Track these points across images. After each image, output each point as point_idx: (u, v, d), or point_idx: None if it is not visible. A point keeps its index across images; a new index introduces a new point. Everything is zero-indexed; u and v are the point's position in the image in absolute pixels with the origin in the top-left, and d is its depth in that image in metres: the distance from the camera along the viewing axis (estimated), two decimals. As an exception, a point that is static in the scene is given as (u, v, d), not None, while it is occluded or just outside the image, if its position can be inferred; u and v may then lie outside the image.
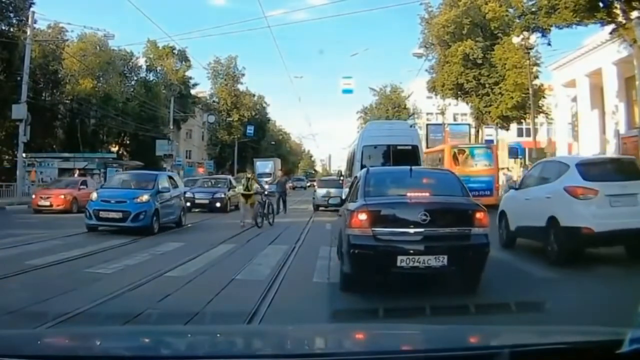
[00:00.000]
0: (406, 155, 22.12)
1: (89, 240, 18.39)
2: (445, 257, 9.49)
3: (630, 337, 2.68)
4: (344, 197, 28.97)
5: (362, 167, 22.23)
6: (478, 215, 9.98)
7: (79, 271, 12.54)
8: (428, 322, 6.71)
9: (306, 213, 31.55)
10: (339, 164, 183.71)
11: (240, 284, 11.14)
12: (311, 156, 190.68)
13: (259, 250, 15.87)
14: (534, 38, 39.77)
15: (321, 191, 35.42)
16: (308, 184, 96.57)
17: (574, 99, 47.80)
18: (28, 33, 36.46)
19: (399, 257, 9.48)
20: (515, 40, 42.26)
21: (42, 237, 18.73)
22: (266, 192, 25.59)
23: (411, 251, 9.56)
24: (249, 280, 11.67)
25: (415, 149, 23.57)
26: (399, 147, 23.38)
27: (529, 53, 40.58)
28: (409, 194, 10.45)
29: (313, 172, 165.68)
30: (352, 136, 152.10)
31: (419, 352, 3.13)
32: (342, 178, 34.21)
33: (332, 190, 33.44)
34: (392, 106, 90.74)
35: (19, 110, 33.32)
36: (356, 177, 12.89)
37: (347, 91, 53.90)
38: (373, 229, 9.76)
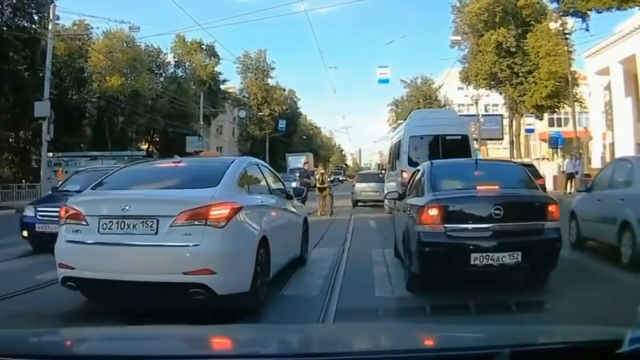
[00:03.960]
0: (456, 146, 20.99)
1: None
2: (520, 253, 9.00)
3: (630, 337, 2.68)
4: (386, 191, 28.07)
5: (409, 159, 21.23)
6: (550, 208, 9.58)
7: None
8: (428, 321, 7.32)
9: (344, 210, 29.71)
10: (370, 158, 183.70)
11: (290, 303, 9.49)
12: (342, 150, 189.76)
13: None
14: (572, 23, 38.85)
15: (360, 186, 34.55)
16: (332, 180, 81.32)
17: (607, 87, 46.82)
18: (50, 28, 35.74)
19: (473, 255, 9.00)
20: (553, 25, 41.34)
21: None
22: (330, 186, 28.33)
23: (485, 248, 9.05)
24: (300, 296, 9.92)
25: (465, 139, 22.14)
26: (447, 138, 21.98)
27: (567, 39, 39.61)
28: (478, 188, 9.97)
29: (344, 166, 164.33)
30: (383, 130, 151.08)
31: (418, 352, 3.10)
32: (382, 172, 32.81)
33: (372, 185, 33.35)
34: (423, 98, 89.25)
35: (42, 108, 32.36)
36: (418, 170, 12.02)
37: (384, 81, 52.20)
38: (445, 225, 9.23)
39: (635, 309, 3.58)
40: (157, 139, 70.44)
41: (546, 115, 57.94)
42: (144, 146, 67.45)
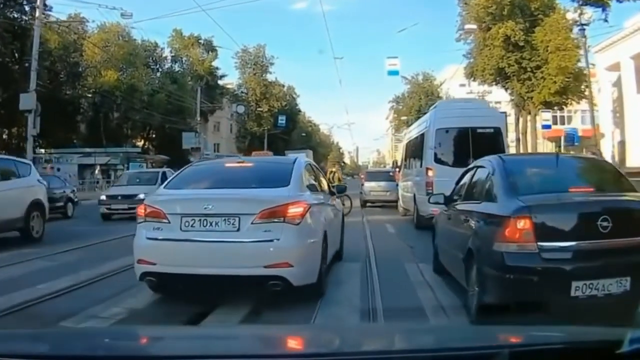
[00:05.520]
0: (487, 141, 18.60)
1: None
2: (628, 279, 6.59)
3: (630, 337, 2.57)
4: (401, 191, 25.78)
5: (435, 155, 19.33)
6: None
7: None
8: (428, 321, 7.33)
9: (353, 211, 26.27)
10: (368, 156, 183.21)
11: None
12: (340, 148, 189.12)
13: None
14: (590, 13, 37.61)
15: (370, 185, 32.58)
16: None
17: (615, 84, 45.64)
18: (37, 14, 34.04)
19: (574, 284, 6.57)
20: (570, 16, 40.15)
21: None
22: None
23: (589, 274, 6.64)
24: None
25: (498, 133, 19.48)
26: (479, 131, 19.36)
27: (584, 29, 38.21)
28: (572, 191, 7.71)
29: (342, 164, 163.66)
30: (382, 128, 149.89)
31: (418, 352, 3.00)
32: (396, 169, 30.34)
33: (382, 184, 31.85)
34: (424, 95, 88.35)
35: (27, 100, 30.27)
36: (477, 167, 9.50)
37: (393, 73, 50.30)
38: (539, 242, 6.76)
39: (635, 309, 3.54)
40: (153, 136, 69.56)
41: (549, 114, 57.05)
42: (140, 143, 66.72)
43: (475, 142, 18.63)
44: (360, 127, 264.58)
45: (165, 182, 10.40)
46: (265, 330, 4.76)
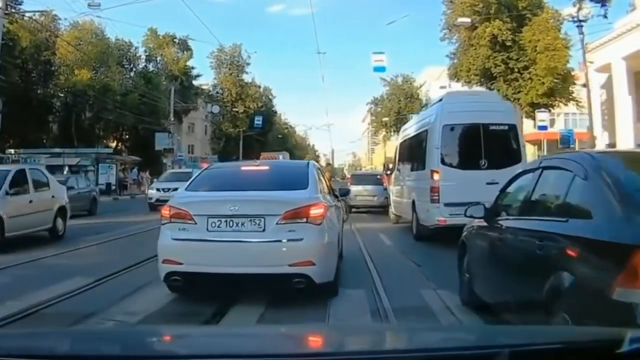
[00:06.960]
0: (501, 139, 16.87)
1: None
2: None
3: (630, 337, 2.52)
4: (394, 196, 23.70)
5: (441, 156, 17.18)
6: None
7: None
8: (428, 321, 7.52)
9: None
10: (344, 159, 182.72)
11: None
12: (316, 151, 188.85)
13: (326, 306, 8.97)
14: (589, 9, 36.57)
15: (356, 189, 29.80)
16: None
17: (604, 85, 44.81)
18: (0, 4, 32.14)
19: None
20: (568, 11, 39.21)
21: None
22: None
23: None
24: None
25: (512, 130, 17.26)
26: (491, 128, 17.03)
27: (582, 26, 37.09)
28: None
29: (326, 164, 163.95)
30: (358, 130, 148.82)
31: (419, 352, 2.93)
32: (386, 172, 28.48)
33: (369, 188, 30.37)
34: (404, 97, 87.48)
35: None
36: (543, 168, 6.81)
37: (379, 69, 49.56)
38: None
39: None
40: (126, 136, 68.26)
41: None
42: (112, 144, 65.36)
43: (487, 140, 16.70)
44: (337, 129, 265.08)
45: (186, 185, 10.68)
46: (282, 330, 4.52)
